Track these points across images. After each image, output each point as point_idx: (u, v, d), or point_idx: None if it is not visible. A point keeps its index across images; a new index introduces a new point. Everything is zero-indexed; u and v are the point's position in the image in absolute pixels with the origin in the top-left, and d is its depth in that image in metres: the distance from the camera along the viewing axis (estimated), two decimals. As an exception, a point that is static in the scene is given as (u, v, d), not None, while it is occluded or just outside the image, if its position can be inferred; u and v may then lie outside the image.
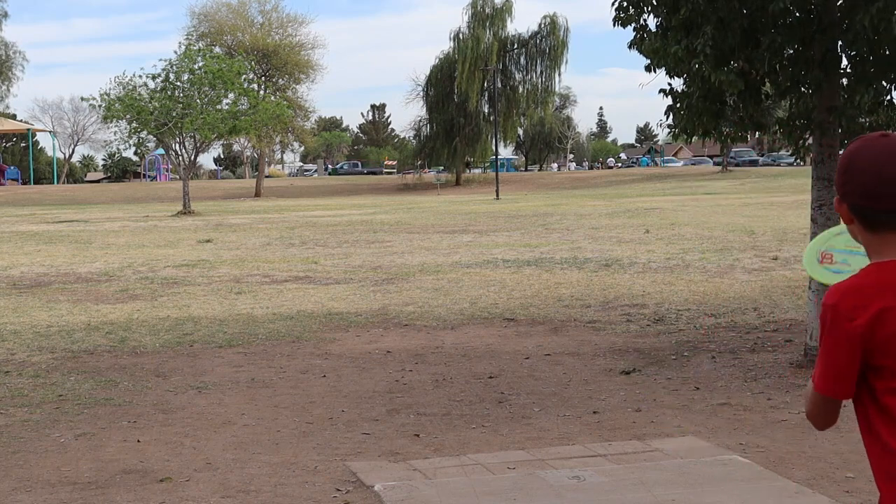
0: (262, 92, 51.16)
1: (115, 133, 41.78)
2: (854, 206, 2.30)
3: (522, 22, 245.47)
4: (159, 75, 41.00)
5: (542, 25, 68.67)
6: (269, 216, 35.98)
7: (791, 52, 8.95)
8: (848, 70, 8.88)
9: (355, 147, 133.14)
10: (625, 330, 10.52)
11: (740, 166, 71.85)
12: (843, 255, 2.43)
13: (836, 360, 2.28)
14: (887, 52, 8.45)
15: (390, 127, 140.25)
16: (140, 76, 41.14)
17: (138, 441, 6.55)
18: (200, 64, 41.43)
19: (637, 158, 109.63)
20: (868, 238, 2.32)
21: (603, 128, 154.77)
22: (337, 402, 7.58)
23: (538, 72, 68.78)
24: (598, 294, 13.26)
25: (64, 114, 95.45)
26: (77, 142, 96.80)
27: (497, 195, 50.84)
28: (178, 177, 53.13)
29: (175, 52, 42.18)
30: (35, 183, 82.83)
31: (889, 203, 2.24)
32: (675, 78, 9.23)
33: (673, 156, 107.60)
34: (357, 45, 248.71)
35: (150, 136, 42.58)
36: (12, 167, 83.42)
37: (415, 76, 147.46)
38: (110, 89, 40.51)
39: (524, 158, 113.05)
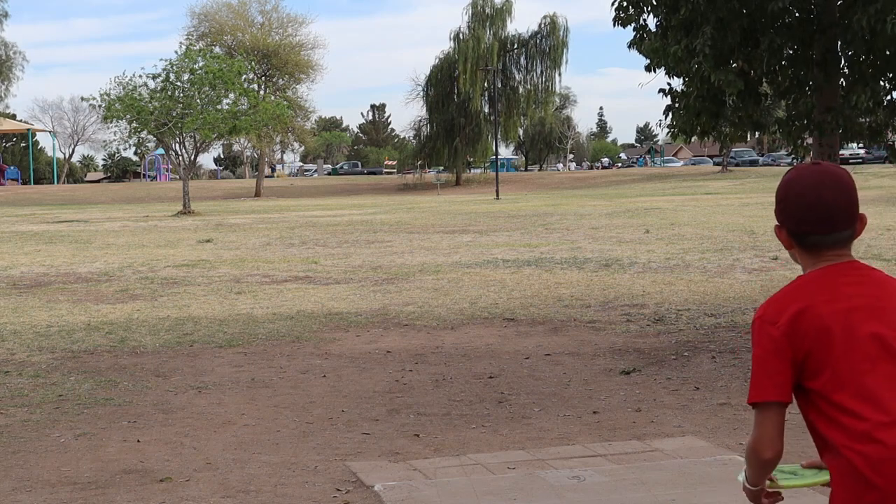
0: (262, 92, 51.20)
1: (115, 133, 41.84)
2: (793, 233, 2.48)
3: (522, 22, 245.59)
4: (159, 75, 41.02)
5: (542, 25, 68.73)
6: (269, 216, 35.98)
7: (790, 52, 8.95)
8: (846, 70, 8.89)
9: (355, 147, 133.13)
10: (625, 330, 10.52)
11: (740, 166, 71.85)
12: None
13: (765, 365, 2.41)
14: (887, 53, 8.45)
15: (390, 127, 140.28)
16: (140, 76, 41.21)
17: (138, 441, 6.55)
18: (201, 64, 41.44)
19: (636, 158, 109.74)
20: (805, 259, 2.51)
21: (603, 128, 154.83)
22: (337, 402, 7.58)
23: (538, 72, 68.84)
24: (598, 294, 13.25)
25: (64, 114, 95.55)
26: (77, 142, 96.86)
27: (497, 195, 50.83)
28: (178, 177, 53.13)
29: (175, 53, 42.23)
30: (35, 183, 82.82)
31: (824, 226, 2.43)
32: (675, 78, 9.24)
33: (673, 156, 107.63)
34: (357, 45, 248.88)
35: (150, 136, 42.61)
36: (12, 167, 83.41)
37: (415, 76, 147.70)
38: (110, 89, 40.56)
39: (524, 158, 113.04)
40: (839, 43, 8.78)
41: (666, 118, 9.50)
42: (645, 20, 9.29)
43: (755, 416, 2.43)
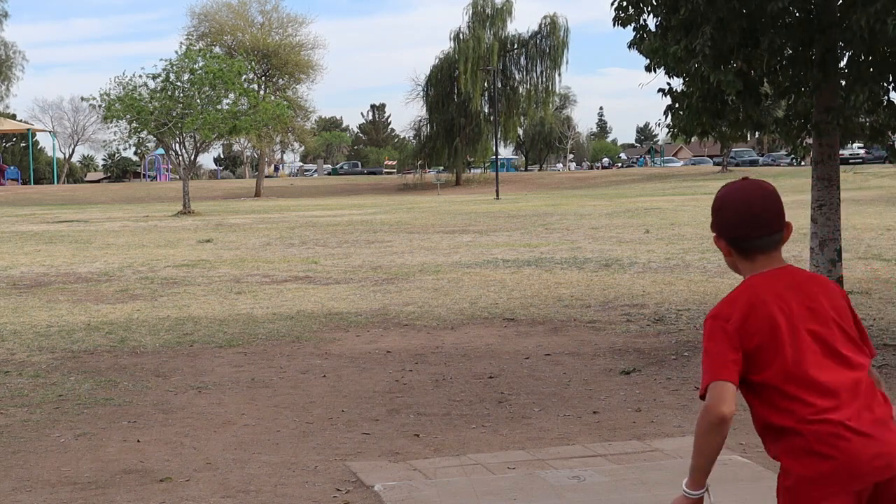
0: (262, 92, 51.20)
1: (115, 133, 41.87)
2: (730, 238, 2.80)
3: (522, 22, 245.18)
4: (159, 75, 41.05)
5: (543, 26, 68.74)
6: (269, 216, 35.99)
7: (790, 52, 8.95)
8: (845, 71, 8.88)
9: (355, 147, 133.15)
10: (625, 330, 10.52)
11: (740, 166, 71.83)
12: None
13: (718, 356, 2.67)
14: (886, 54, 8.45)
15: (390, 127, 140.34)
16: (140, 76, 41.26)
17: (138, 441, 6.55)
18: (201, 64, 41.47)
19: (636, 158, 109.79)
20: (744, 265, 2.83)
21: (603, 128, 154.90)
22: (337, 402, 7.58)
23: (538, 72, 68.85)
24: (598, 294, 13.26)
25: (64, 114, 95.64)
26: (77, 142, 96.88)
27: (497, 195, 50.85)
28: (178, 177, 53.15)
29: (175, 53, 42.27)
30: (35, 183, 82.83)
31: (757, 230, 2.77)
32: (675, 78, 9.24)
33: (673, 156, 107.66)
34: (357, 45, 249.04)
35: (150, 136, 42.64)
36: (12, 167, 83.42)
37: (415, 76, 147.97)
38: (110, 89, 40.59)
39: (524, 158, 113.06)
40: (839, 43, 8.79)
41: (666, 118, 9.50)
42: (645, 20, 9.29)
43: (708, 392, 2.66)
